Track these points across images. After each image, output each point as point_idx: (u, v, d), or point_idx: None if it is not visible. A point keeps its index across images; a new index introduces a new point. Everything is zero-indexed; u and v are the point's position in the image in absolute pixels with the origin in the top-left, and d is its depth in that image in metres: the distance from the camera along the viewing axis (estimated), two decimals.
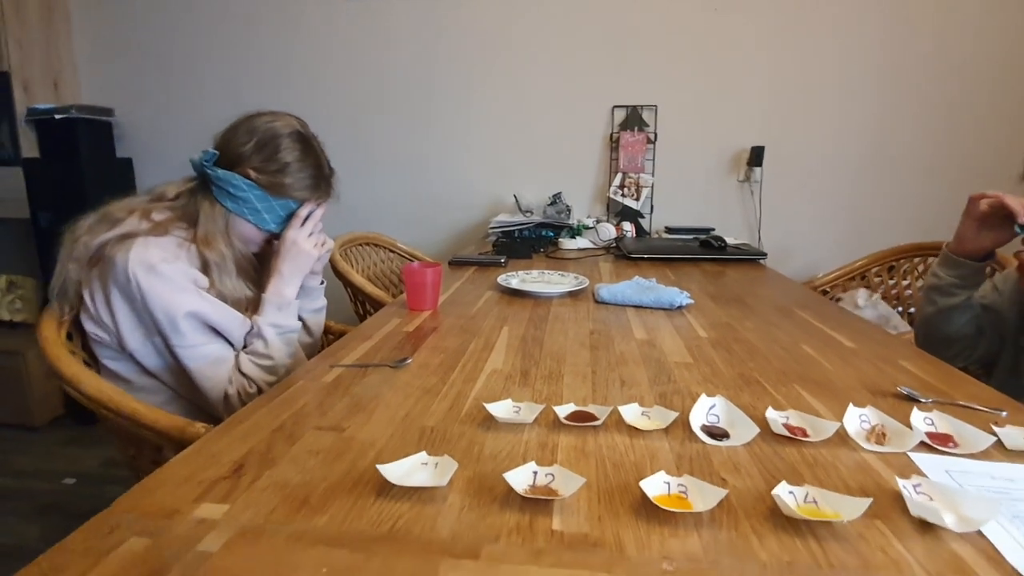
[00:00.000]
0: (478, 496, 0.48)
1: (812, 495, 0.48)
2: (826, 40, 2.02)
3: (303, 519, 0.44)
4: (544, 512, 0.46)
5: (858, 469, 0.54)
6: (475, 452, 0.55)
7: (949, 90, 1.99)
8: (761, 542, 0.43)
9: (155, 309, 0.85)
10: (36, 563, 0.39)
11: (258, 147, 0.96)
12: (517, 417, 0.61)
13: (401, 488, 0.48)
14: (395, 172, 2.29)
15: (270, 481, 0.49)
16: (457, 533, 0.43)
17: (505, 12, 2.13)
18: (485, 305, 1.13)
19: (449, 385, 0.72)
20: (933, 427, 0.61)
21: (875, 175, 2.09)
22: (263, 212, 0.97)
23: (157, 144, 2.36)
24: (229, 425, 0.60)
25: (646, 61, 2.11)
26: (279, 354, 0.95)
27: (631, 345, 0.89)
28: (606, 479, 0.51)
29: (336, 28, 2.21)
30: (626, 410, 0.63)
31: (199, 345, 0.89)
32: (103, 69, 2.36)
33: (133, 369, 0.93)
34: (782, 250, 2.13)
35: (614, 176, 2.16)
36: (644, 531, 0.44)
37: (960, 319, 0.97)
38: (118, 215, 0.92)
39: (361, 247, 1.74)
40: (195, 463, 0.52)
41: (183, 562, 0.39)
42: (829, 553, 0.42)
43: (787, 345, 0.90)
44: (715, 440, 0.58)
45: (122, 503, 0.46)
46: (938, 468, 0.54)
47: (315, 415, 0.63)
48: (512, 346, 0.88)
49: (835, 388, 0.73)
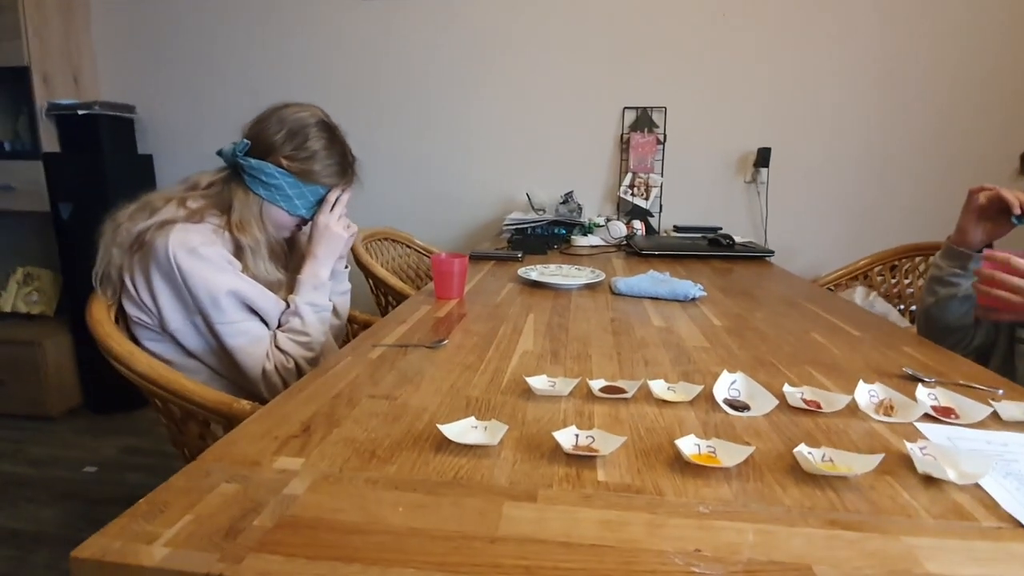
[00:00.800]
0: (528, 452, 0.53)
1: (829, 455, 0.53)
2: (828, 45, 2.08)
3: (375, 468, 0.50)
4: (589, 467, 0.51)
5: (868, 436, 0.59)
6: (519, 417, 0.60)
7: (945, 93, 2.05)
8: (784, 491, 0.48)
9: (197, 288, 0.91)
10: (145, 500, 0.44)
11: (289, 136, 1.01)
12: (554, 390, 0.67)
13: (458, 445, 0.53)
14: (410, 170, 2.34)
15: (339, 437, 0.55)
16: (514, 481, 0.48)
17: (519, 17, 2.19)
18: (508, 295, 1.18)
19: (486, 362, 0.77)
20: (936, 401, 0.66)
21: (876, 177, 2.15)
22: (295, 198, 1.02)
23: (177, 141, 2.41)
24: (290, 393, 0.65)
25: (656, 64, 2.16)
26: (315, 331, 1.01)
27: (651, 331, 0.94)
28: (641, 441, 0.56)
29: (354, 26, 2.26)
30: (654, 384, 0.68)
31: (239, 322, 0.94)
32: (122, 64, 2.41)
33: (174, 350, 0.98)
34: (787, 250, 2.19)
35: (624, 176, 2.21)
36: (680, 482, 0.49)
37: (959, 309, 1.03)
38: (157, 204, 0.97)
39: (380, 242, 1.79)
40: (267, 423, 0.57)
41: (274, 501, 0.45)
42: (845, 500, 0.47)
43: (797, 333, 0.96)
44: (737, 411, 0.63)
45: (211, 453, 0.51)
46: (940, 436, 0.60)
47: (367, 385, 0.68)
48: (539, 331, 0.93)
49: (844, 370, 0.78)
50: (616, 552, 0.40)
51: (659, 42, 2.15)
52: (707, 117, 2.17)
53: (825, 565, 0.39)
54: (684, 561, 0.39)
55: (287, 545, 0.40)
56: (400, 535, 0.41)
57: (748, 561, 0.39)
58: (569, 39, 2.18)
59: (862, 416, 0.63)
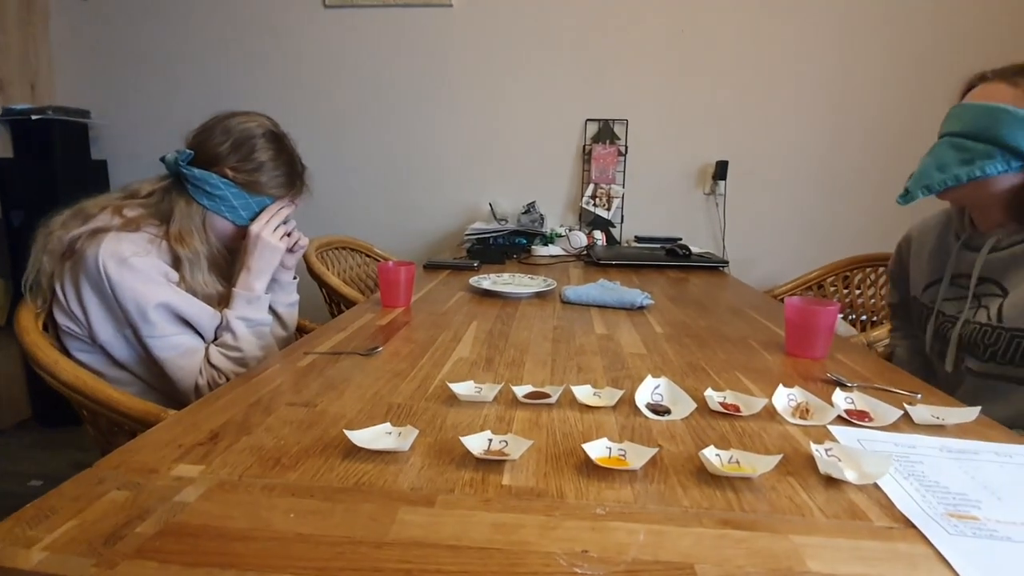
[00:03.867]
0: (437, 458, 0.53)
1: (736, 457, 0.54)
2: (785, 63, 2.15)
3: (275, 475, 0.49)
4: (496, 471, 0.51)
5: (780, 438, 0.60)
6: (437, 423, 0.60)
7: (897, 110, 2.13)
8: (685, 492, 0.48)
9: (125, 300, 0.88)
10: (32, 505, 0.43)
11: (234, 147, 1.00)
12: (478, 395, 0.67)
13: (367, 451, 0.53)
14: (373, 180, 2.33)
15: (246, 446, 0.54)
16: (416, 486, 0.48)
17: (482, 29, 2.21)
18: (456, 304, 1.18)
19: (418, 369, 0.76)
20: (852, 405, 0.68)
21: (831, 190, 2.21)
22: (240, 209, 1.01)
23: (132, 147, 2.37)
24: (207, 401, 0.63)
25: (618, 78, 2.20)
26: (249, 347, 0.98)
27: (591, 339, 0.95)
28: (555, 445, 0.56)
29: (314, 35, 2.26)
30: (578, 389, 0.68)
31: (169, 335, 0.92)
32: (78, 69, 2.36)
33: (104, 361, 0.95)
34: (746, 260, 2.23)
35: (586, 187, 2.24)
36: (584, 484, 0.49)
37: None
38: (91, 211, 0.95)
39: (337, 251, 1.78)
40: (175, 431, 0.56)
41: (163, 509, 0.43)
42: (743, 501, 0.47)
43: (734, 340, 0.97)
44: (657, 416, 0.64)
45: (106, 462, 0.50)
46: (851, 438, 0.61)
47: (289, 393, 0.67)
48: (479, 338, 0.93)
49: (773, 375, 0.80)
50: (503, 554, 0.39)
51: (621, 57, 2.19)
52: (667, 130, 2.22)
53: (708, 564, 0.39)
54: (568, 562, 0.39)
55: (166, 552, 0.39)
56: (286, 541, 0.40)
57: (632, 561, 0.39)
58: (533, 52, 2.21)
59: (779, 419, 0.64)
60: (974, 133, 0.88)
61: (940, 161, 0.91)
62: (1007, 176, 0.86)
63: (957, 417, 0.65)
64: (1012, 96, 0.85)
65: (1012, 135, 0.84)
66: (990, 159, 0.86)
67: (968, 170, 0.87)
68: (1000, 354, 0.88)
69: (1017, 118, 0.83)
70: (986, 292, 0.94)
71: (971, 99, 0.92)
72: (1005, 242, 0.92)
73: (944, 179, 0.90)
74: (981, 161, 0.86)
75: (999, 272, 0.92)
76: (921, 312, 1.08)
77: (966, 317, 0.95)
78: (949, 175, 0.89)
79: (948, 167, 0.90)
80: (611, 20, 2.17)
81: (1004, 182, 0.87)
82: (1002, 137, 0.84)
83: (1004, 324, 0.88)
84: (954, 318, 0.98)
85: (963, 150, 0.89)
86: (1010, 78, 0.87)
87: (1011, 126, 0.84)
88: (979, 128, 0.87)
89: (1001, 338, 0.88)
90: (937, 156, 0.92)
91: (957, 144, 0.90)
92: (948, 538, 0.43)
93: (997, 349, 0.89)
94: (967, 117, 0.90)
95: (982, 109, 0.88)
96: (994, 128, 0.85)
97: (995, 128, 0.85)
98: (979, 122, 0.87)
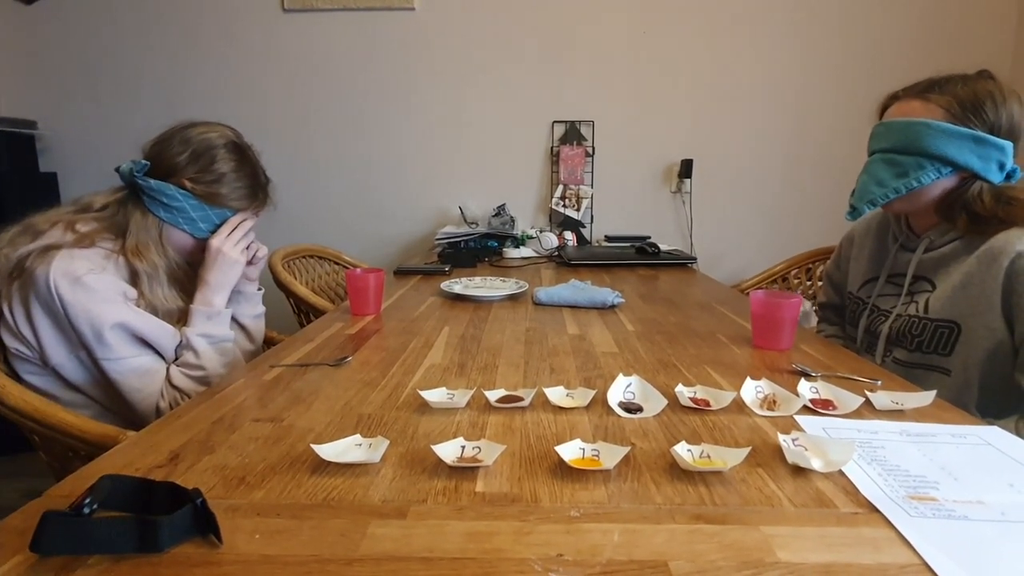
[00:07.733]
0: (409, 468, 0.52)
1: (707, 452, 0.54)
2: (746, 61, 2.20)
3: (240, 495, 0.47)
4: (469, 478, 0.50)
5: (749, 430, 0.61)
6: (409, 433, 0.59)
7: (854, 107, 2.21)
8: (658, 489, 0.49)
9: (79, 322, 0.84)
10: None
11: (193, 158, 0.97)
12: (450, 402, 0.66)
13: (336, 465, 0.51)
14: (340, 186, 2.29)
15: (208, 465, 0.52)
16: (387, 498, 0.47)
17: (446, 32, 2.20)
18: (427, 309, 1.17)
19: (388, 378, 0.75)
20: (817, 394, 0.70)
21: (793, 185, 2.28)
22: (199, 221, 0.98)
23: (85, 158, 2.28)
24: (167, 420, 0.61)
25: (583, 79, 2.22)
26: (212, 364, 0.95)
27: (563, 339, 0.95)
28: (528, 449, 0.56)
29: (274, 40, 2.22)
30: (551, 391, 0.68)
31: (127, 358, 0.88)
32: (25, 80, 2.26)
33: (57, 384, 0.91)
34: (713, 256, 2.28)
35: (555, 188, 2.25)
36: (558, 487, 0.49)
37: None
38: (41, 227, 0.90)
39: (305, 259, 1.74)
40: (132, 453, 0.53)
41: None
42: (715, 494, 0.48)
43: (703, 335, 0.99)
44: (630, 414, 0.64)
45: (57, 490, 0.47)
46: (816, 427, 0.62)
47: (255, 409, 0.65)
48: (451, 344, 0.92)
49: (741, 368, 0.81)
50: (476, 563, 0.39)
51: (585, 58, 2.21)
52: (633, 130, 2.25)
53: (682, 560, 0.40)
54: (543, 567, 0.39)
55: None
56: (250, 564, 0.39)
57: (607, 562, 0.39)
58: (498, 55, 2.22)
59: (747, 412, 0.66)
60: (902, 147, 0.94)
61: (877, 177, 0.98)
62: (940, 182, 0.93)
63: (915, 401, 0.67)
64: (924, 110, 0.93)
65: (936, 145, 0.91)
66: (922, 169, 0.92)
67: (905, 182, 0.94)
68: (925, 344, 0.95)
69: (938, 130, 0.90)
70: (919, 289, 1.01)
71: (889, 117, 0.99)
72: (937, 243, 0.99)
73: (885, 192, 0.96)
74: (915, 172, 0.93)
75: (931, 270, 0.99)
76: (856, 307, 1.14)
77: (898, 311, 1.01)
78: (889, 188, 0.96)
79: (886, 181, 0.96)
80: (575, 22, 2.19)
81: (938, 188, 0.94)
82: (928, 148, 0.91)
83: (929, 315, 0.95)
84: (887, 312, 1.04)
85: (895, 164, 0.95)
86: (920, 95, 0.95)
87: (933, 138, 0.91)
88: (906, 143, 0.94)
89: (927, 328, 0.95)
90: (872, 173, 0.99)
91: (888, 159, 0.96)
92: (909, 520, 0.45)
93: (923, 339, 0.95)
94: (892, 134, 0.96)
95: (904, 125, 0.94)
96: (919, 141, 0.92)
97: (920, 141, 0.92)
98: (904, 137, 0.94)
